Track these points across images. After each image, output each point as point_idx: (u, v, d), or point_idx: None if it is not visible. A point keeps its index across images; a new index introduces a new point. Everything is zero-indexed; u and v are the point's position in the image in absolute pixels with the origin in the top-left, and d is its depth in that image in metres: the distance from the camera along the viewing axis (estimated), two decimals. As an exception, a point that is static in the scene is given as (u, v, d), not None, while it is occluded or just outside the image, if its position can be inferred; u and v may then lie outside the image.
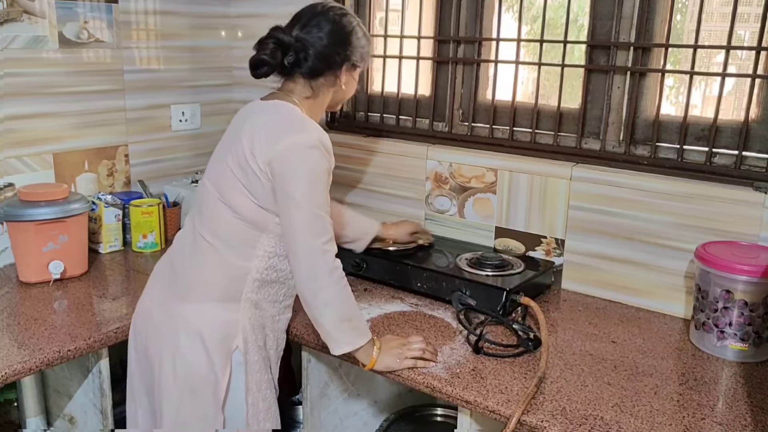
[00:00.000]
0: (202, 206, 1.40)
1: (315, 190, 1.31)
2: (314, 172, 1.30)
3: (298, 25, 1.41)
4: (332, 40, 1.40)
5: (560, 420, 1.19)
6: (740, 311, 1.41)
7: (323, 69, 1.41)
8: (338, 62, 1.42)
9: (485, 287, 1.61)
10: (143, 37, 2.14)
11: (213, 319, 1.35)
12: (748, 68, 1.57)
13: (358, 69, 1.48)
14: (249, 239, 1.36)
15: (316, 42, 1.39)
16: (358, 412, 1.75)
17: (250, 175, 1.31)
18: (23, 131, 1.89)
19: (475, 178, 1.92)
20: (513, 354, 1.40)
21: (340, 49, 1.41)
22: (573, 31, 1.81)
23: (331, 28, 1.40)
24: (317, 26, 1.39)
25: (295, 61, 1.39)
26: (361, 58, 1.46)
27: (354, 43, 1.43)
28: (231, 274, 1.36)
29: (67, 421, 1.68)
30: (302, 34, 1.39)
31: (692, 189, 1.60)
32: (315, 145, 1.31)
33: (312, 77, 1.41)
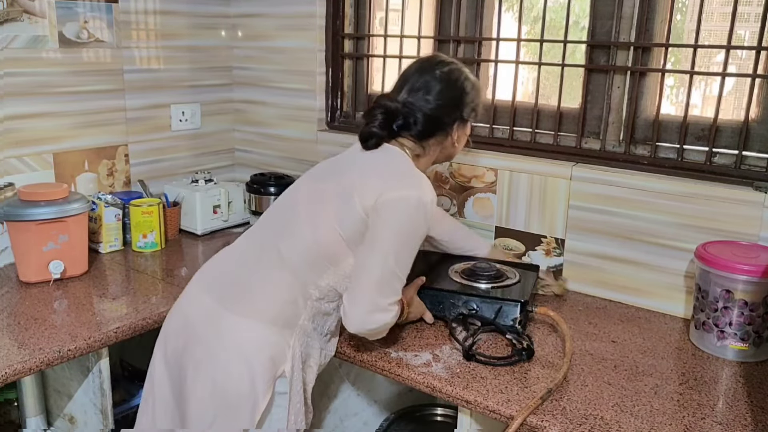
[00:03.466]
0: (283, 222, 1.36)
1: (405, 249, 1.29)
2: (414, 233, 1.29)
3: (406, 88, 1.37)
4: (442, 101, 1.36)
5: (560, 420, 1.19)
6: (740, 311, 1.41)
7: (434, 130, 1.38)
8: (449, 122, 1.39)
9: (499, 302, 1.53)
10: (143, 37, 2.14)
11: (265, 340, 1.29)
12: (748, 68, 1.57)
13: (469, 123, 1.45)
14: (320, 266, 1.31)
15: (424, 105, 1.35)
16: (358, 412, 1.75)
17: (349, 209, 1.28)
18: (23, 131, 1.89)
19: (475, 178, 1.92)
20: (504, 363, 1.38)
21: (450, 110, 1.38)
22: (573, 32, 1.81)
23: (440, 89, 1.36)
24: (425, 88, 1.36)
25: (404, 124, 1.36)
26: (472, 111, 1.42)
27: (464, 99, 1.39)
28: (294, 295, 1.32)
29: (67, 421, 1.68)
30: (410, 98, 1.36)
31: (692, 189, 1.60)
32: (426, 207, 1.29)
33: (422, 139, 1.38)
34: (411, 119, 1.35)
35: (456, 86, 1.37)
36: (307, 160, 2.27)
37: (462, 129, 1.42)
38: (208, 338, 1.31)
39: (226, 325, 1.30)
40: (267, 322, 1.29)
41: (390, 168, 1.34)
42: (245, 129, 2.47)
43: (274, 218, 1.40)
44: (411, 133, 1.37)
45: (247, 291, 1.32)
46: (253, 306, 1.30)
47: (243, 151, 2.50)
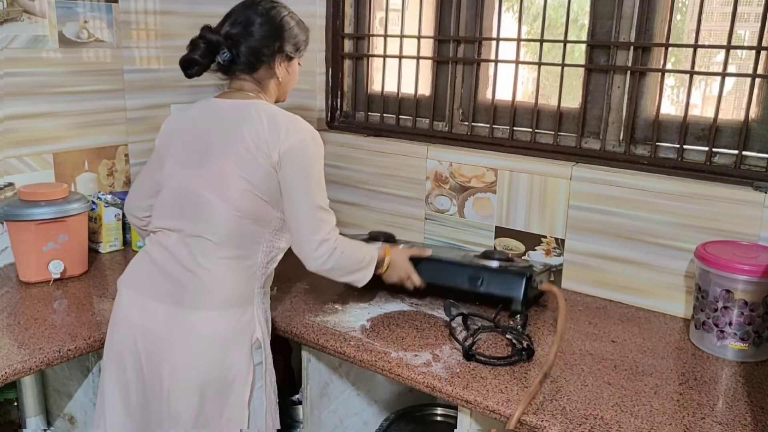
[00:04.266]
0: (194, 210, 1.37)
1: (318, 183, 1.39)
2: (318, 166, 1.39)
3: (228, 22, 1.44)
4: (261, 33, 1.42)
5: (560, 420, 1.19)
6: (740, 311, 1.41)
7: (256, 63, 1.44)
8: (269, 54, 1.44)
9: (506, 274, 1.58)
10: (143, 37, 2.14)
11: (232, 322, 1.34)
12: (748, 68, 1.57)
13: (294, 60, 1.51)
14: (253, 235, 1.37)
15: (245, 37, 1.42)
16: (358, 412, 1.75)
17: (255, 170, 1.34)
18: (23, 131, 1.89)
19: (475, 178, 1.92)
20: (504, 363, 1.38)
21: (269, 42, 1.43)
22: (573, 30, 1.81)
23: (260, 22, 1.42)
24: (246, 21, 1.42)
25: (230, 58, 1.42)
26: (294, 48, 1.48)
27: (284, 34, 1.45)
28: (240, 275, 1.37)
29: (67, 421, 1.68)
30: (231, 30, 1.42)
31: (692, 189, 1.60)
32: (316, 139, 1.40)
33: (250, 71, 1.45)
34: (234, 51, 1.42)
35: (275, 21, 1.44)
36: (307, 160, 2.26)
37: (286, 64, 1.48)
38: (176, 340, 1.32)
39: (191, 323, 1.32)
40: (229, 305, 1.34)
41: (273, 115, 1.39)
42: (245, 129, 2.46)
43: (181, 213, 1.38)
44: (239, 68, 1.44)
45: (201, 286, 1.33)
46: (212, 297, 1.33)
47: (243, 151, 2.49)
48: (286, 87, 1.53)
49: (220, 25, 1.45)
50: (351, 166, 2.16)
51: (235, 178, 1.34)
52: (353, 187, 2.18)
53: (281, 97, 1.55)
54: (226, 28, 1.43)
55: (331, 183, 2.22)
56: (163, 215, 1.42)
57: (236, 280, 1.36)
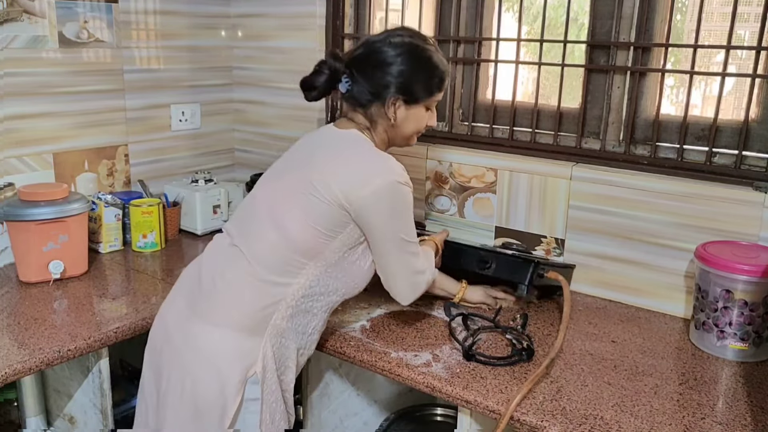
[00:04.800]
0: (247, 221, 1.34)
1: (405, 225, 1.34)
2: (403, 210, 1.33)
3: (358, 50, 1.39)
4: (382, 69, 1.35)
5: (560, 420, 1.19)
6: (740, 311, 1.41)
7: (369, 99, 1.37)
8: (382, 93, 1.36)
9: (511, 259, 1.61)
10: (143, 37, 2.14)
11: (231, 346, 1.27)
12: (748, 68, 1.57)
13: (415, 104, 1.39)
14: (293, 264, 1.29)
15: (366, 70, 1.36)
16: (358, 412, 1.75)
17: (320, 202, 1.28)
18: (23, 131, 1.89)
19: (475, 178, 1.92)
20: (504, 364, 1.38)
21: (387, 80, 1.35)
22: (573, 30, 1.81)
23: (388, 55, 1.35)
24: (372, 51, 1.36)
25: (349, 90, 1.37)
26: (403, 89, 1.36)
27: (397, 71, 1.35)
28: (264, 299, 1.28)
29: (67, 421, 1.68)
30: (354, 59, 1.37)
31: (692, 189, 1.60)
32: (400, 186, 1.31)
33: (362, 106, 1.38)
34: (352, 83, 1.37)
35: (403, 58, 1.35)
36: (307, 160, 2.26)
37: (405, 106, 1.38)
38: (179, 344, 1.30)
39: (196, 331, 1.29)
40: (236, 328, 1.27)
41: (357, 157, 1.33)
42: (245, 129, 2.47)
43: (240, 221, 1.37)
44: (352, 101, 1.38)
45: (215, 297, 1.30)
46: (222, 312, 1.28)
47: (243, 151, 2.50)
48: (403, 131, 1.41)
49: (349, 52, 1.40)
50: (351, 166, 2.16)
51: (296, 204, 1.29)
52: (353, 187, 2.17)
53: (397, 142, 1.44)
54: (352, 55, 1.38)
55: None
56: (233, 215, 1.43)
57: (254, 305, 1.28)
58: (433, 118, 1.45)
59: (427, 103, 1.41)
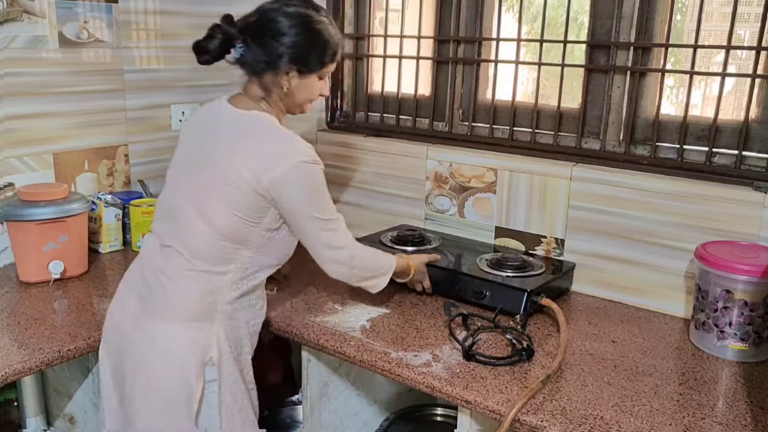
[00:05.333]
0: (174, 219, 1.37)
1: (320, 202, 1.36)
2: (317, 187, 1.35)
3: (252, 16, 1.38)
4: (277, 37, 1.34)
5: (560, 420, 1.19)
6: (740, 311, 1.41)
7: (263, 68, 1.37)
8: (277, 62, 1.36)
9: (505, 288, 1.60)
10: (143, 37, 2.14)
11: (186, 338, 1.32)
12: (748, 68, 1.57)
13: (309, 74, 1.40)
14: (226, 253, 1.33)
15: (260, 37, 1.35)
16: (358, 412, 1.75)
17: (236, 191, 1.30)
18: (23, 131, 1.89)
19: (475, 178, 1.92)
20: (504, 363, 1.38)
21: (281, 49, 1.35)
22: (573, 29, 1.81)
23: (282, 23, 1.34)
24: (266, 18, 1.35)
25: (242, 56, 1.37)
26: (314, 63, 1.38)
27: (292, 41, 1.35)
28: (206, 289, 1.33)
29: (67, 421, 1.68)
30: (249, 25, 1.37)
31: (692, 189, 1.60)
32: (310, 161, 1.33)
33: (257, 75, 1.39)
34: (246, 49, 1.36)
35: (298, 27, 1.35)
36: (307, 160, 2.26)
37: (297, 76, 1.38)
38: (137, 343, 1.35)
39: (152, 330, 1.33)
40: (187, 319, 1.33)
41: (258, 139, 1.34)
42: (245, 129, 2.46)
43: (165, 221, 1.40)
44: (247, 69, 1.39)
45: (163, 295, 1.34)
46: (171, 308, 1.33)
47: (243, 151, 2.49)
48: (296, 99, 1.43)
49: (243, 18, 1.38)
50: (351, 166, 2.16)
51: (216, 195, 1.31)
52: (353, 187, 2.18)
53: (291, 109, 1.46)
54: (246, 22, 1.37)
55: (332, 183, 2.21)
56: (155, 216, 1.45)
57: (199, 294, 1.33)
58: (325, 87, 1.46)
59: (320, 74, 1.42)
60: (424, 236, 1.92)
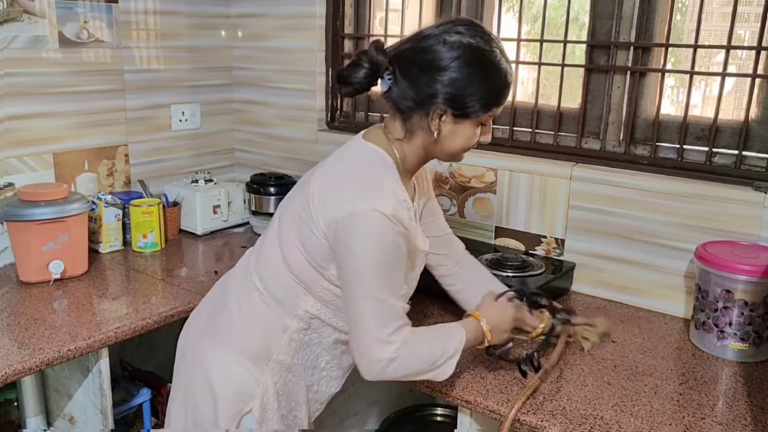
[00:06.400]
0: (261, 242, 1.28)
1: (383, 271, 1.11)
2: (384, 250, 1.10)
3: (407, 43, 1.14)
4: (432, 71, 1.10)
5: (560, 420, 1.19)
6: (740, 311, 1.41)
7: (410, 106, 1.14)
8: (424, 101, 1.13)
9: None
10: (143, 37, 2.14)
11: (233, 374, 1.21)
12: (748, 68, 1.57)
13: (466, 119, 1.14)
14: (294, 295, 1.20)
15: (413, 68, 1.11)
16: (358, 412, 1.75)
17: (308, 225, 1.15)
18: (23, 131, 1.89)
19: (475, 178, 1.92)
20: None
21: (427, 82, 1.11)
22: (573, 30, 1.81)
23: (442, 55, 1.10)
24: (424, 48, 1.11)
25: (389, 89, 1.15)
26: (454, 102, 1.11)
27: (450, 79, 1.10)
28: (267, 328, 1.21)
29: (67, 421, 1.68)
30: (401, 54, 1.13)
31: (692, 189, 1.60)
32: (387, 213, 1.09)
33: (401, 112, 1.16)
34: (394, 81, 1.14)
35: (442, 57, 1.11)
36: (307, 160, 2.27)
37: (452, 120, 1.14)
38: (190, 359, 1.28)
39: (203, 349, 1.26)
40: (237, 353, 1.21)
41: (345, 174, 1.16)
42: (245, 129, 2.47)
43: (261, 239, 1.29)
44: (390, 104, 1.18)
45: (226, 318, 1.25)
46: (230, 335, 1.23)
47: (243, 151, 2.50)
48: (446, 148, 1.18)
49: (396, 45, 1.16)
50: (351, 166, 2.16)
51: (290, 227, 1.19)
52: (353, 187, 2.17)
53: (439, 157, 1.21)
54: (397, 50, 1.14)
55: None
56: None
57: (256, 328, 1.22)
58: (487, 133, 1.20)
59: (480, 119, 1.16)
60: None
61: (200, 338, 1.28)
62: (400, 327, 1.14)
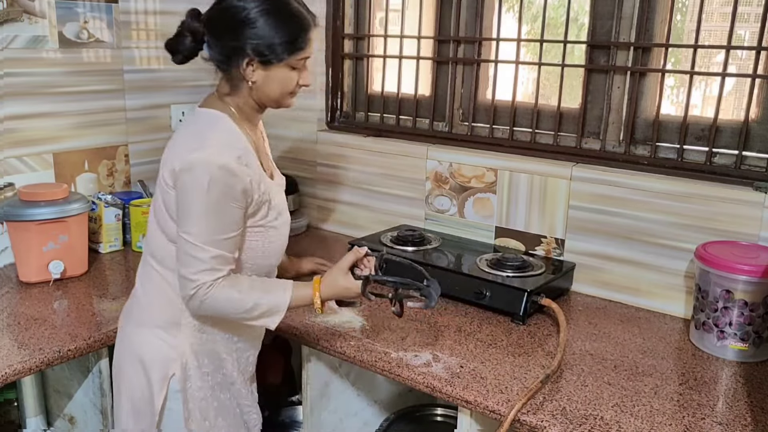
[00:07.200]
0: (148, 226, 1.35)
1: (194, 212, 1.19)
2: (203, 192, 1.18)
3: (211, 9, 1.26)
4: (225, 24, 1.23)
5: (560, 420, 1.19)
6: (740, 311, 1.41)
7: (227, 62, 1.25)
8: (231, 56, 1.24)
9: (505, 288, 1.60)
10: (143, 37, 2.14)
11: (152, 345, 1.31)
12: (748, 68, 1.57)
13: (273, 65, 1.24)
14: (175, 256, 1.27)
15: (223, 28, 1.23)
16: (358, 412, 1.75)
17: (165, 189, 1.24)
18: (23, 131, 1.89)
19: (475, 178, 1.92)
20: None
21: (230, 39, 1.23)
22: (573, 30, 1.81)
23: (248, 8, 1.21)
24: (230, 7, 1.23)
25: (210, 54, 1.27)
26: (256, 51, 1.22)
27: (246, 32, 1.21)
28: (169, 297, 1.29)
29: (67, 421, 1.68)
30: (211, 17, 1.26)
31: (692, 189, 1.60)
32: (216, 163, 1.18)
33: (222, 71, 1.28)
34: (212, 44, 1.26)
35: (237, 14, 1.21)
36: (307, 160, 2.27)
37: (262, 67, 1.24)
38: (117, 345, 1.38)
39: (126, 334, 1.36)
40: (154, 327, 1.31)
41: (184, 132, 1.29)
42: (245, 129, 2.46)
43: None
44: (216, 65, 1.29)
45: (137, 298, 1.35)
46: (141, 313, 1.34)
47: (243, 151, 2.49)
48: (268, 94, 1.28)
49: (206, 11, 1.27)
50: (351, 166, 2.16)
51: (158, 198, 1.28)
52: (353, 187, 2.18)
53: (267, 104, 1.31)
54: (207, 15, 1.26)
55: (331, 183, 2.23)
56: None
57: (163, 301, 1.30)
58: (304, 76, 1.29)
59: (288, 63, 1.25)
60: (424, 236, 1.92)
61: (122, 327, 1.38)
62: (209, 269, 1.20)
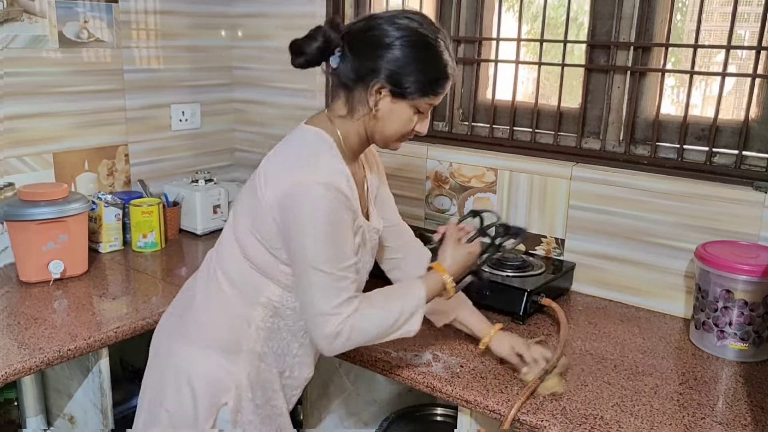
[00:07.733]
0: (221, 240, 1.29)
1: (322, 240, 1.13)
2: (321, 218, 1.12)
3: (358, 23, 1.20)
4: (371, 45, 1.16)
5: (560, 420, 1.19)
6: (740, 311, 1.41)
7: (353, 79, 1.18)
8: (365, 75, 1.17)
9: (505, 288, 1.60)
10: (143, 37, 2.14)
11: (205, 367, 1.23)
12: (748, 68, 1.57)
13: (403, 99, 1.17)
14: (255, 284, 1.22)
15: (362, 46, 1.16)
16: (358, 412, 1.75)
17: (258, 212, 1.17)
18: (23, 131, 1.89)
19: (475, 178, 1.92)
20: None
21: (368, 58, 1.16)
22: (573, 29, 1.81)
23: (390, 36, 1.15)
24: (374, 28, 1.17)
25: (338, 65, 1.19)
26: (391, 78, 1.15)
27: (388, 56, 1.15)
28: (234, 321, 1.23)
29: (67, 421, 1.68)
30: (352, 33, 1.18)
31: (692, 189, 1.60)
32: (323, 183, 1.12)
33: (345, 87, 1.20)
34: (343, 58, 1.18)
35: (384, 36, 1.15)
36: (307, 160, 2.26)
37: (390, 98, 1.18)
38: (160, 359, 1.31)
39: (175, 348, 1.28)
40: (212, 349, 1.24)
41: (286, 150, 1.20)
42: (245, 129, 2.47)
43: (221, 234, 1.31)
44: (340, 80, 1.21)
45: (196, 315, 1.28)
46: (199, 333, 1.26)
47: (243, 151, 2.50)
48: (384, 127, 1.21)
49: (349, 24, 1.21)
50: (351, 166, 2.16)
51: (244, 218, 1.21)
52: (353, 187, 2.17)
53: (376, 139, 1.23)
54: (349, 27, 1.19)
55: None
56: None
57: (224, 322, 1.24)
58: (423, 124, 1.23)
59: (417, 103, 1.19)
60: (424, 236, 1.92)
61: (171, 339, 1.30)
62: (348, 299, 1.16)
